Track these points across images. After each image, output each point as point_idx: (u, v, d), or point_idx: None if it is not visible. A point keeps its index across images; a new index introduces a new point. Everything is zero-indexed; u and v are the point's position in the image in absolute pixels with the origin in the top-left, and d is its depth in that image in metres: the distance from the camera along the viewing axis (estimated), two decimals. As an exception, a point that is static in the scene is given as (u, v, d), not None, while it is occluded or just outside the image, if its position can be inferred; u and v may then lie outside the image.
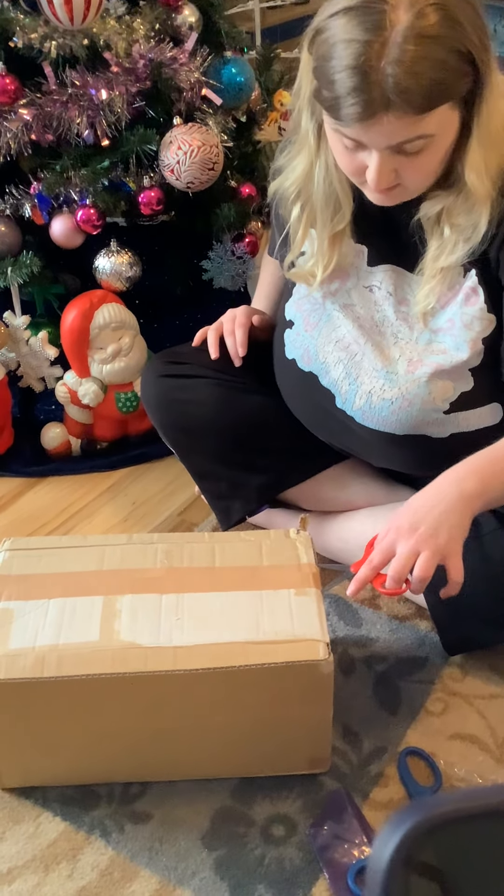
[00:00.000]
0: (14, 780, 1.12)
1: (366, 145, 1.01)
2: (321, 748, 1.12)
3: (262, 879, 1.03)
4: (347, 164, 1.06)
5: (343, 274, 1.22)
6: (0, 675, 1.00)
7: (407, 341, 1.19)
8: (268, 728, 1.09)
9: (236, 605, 1.08)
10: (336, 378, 1.24)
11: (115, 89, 1.54)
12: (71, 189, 1.57)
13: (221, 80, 1.68)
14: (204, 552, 1.16)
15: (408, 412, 1.19)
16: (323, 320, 1.25)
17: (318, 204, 1.16)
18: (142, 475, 1.72)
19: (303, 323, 1.27)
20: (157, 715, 1.06)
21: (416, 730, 1.19)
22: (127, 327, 1.66)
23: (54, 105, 1.54)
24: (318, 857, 1.04)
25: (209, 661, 1.02)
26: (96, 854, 1.06)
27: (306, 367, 1.28)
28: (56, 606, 1.08)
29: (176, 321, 1.90)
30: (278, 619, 1.06)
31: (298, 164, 1.15)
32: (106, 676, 1.01)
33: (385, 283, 1.20)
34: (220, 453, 1.37)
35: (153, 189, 1.59)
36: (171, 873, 1.04)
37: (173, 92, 1.60)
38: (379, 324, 1.21)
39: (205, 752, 1.11)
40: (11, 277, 1.60)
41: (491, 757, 1.15)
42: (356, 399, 1.22)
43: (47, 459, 1.74)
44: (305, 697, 1.06)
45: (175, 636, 1.04)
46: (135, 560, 1.15)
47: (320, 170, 1.12)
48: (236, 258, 1.74)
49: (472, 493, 1.06)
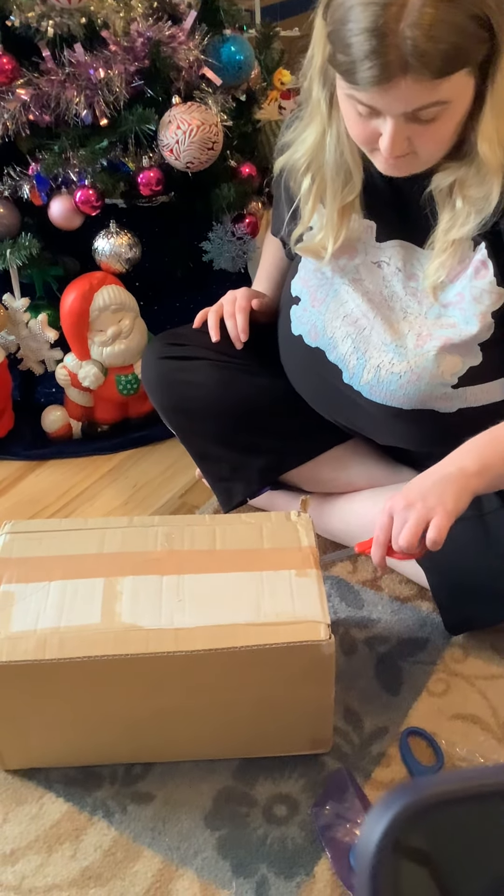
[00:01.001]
0: (17, 762, 1.13)
1: (380, 112, 0.99)
2: (323, 729, 1.12)
3: (264, 859, 1.04)
4: (360, 131, 1.04)
5: (351, 249, 1.22)
6: (2, 658, 1.01)
7: (416, 316, 1.18)
8: (269, 709, 1.09)
9: (237, 586, 1.08)
10: (344, 353, 1.23)
11: (113, 68, 1.52)
12: (69, 170, 1.56)
13: (220, 59, 1.66)
14: (205, 534, 1.16)
15: (416, 386, 1.18)
16: (330, 296, 1.24)
17: (329, 174, 1.14)
18: (143, 458, 1.72)
19: (309, 298, 1.27)
20: (158, 696, 1.06)
21: (418, 710, 1.19)
22: (127, 309, 1.66)
23: (52, 85, 1.52)
24: (319, 836, 1.05)
25: (210, 642, 1.02)
26: (99, 835, 1.06)
27: (313, 342, 1.27)
28: (57, 589, 1.08)
29: (176, 303, 1.89)
30: (279, 601, 1.06)
31: (309, 134, 1.14)
32: (108, 658, 1.01)
33: (394, 259, 1.19)
34: (221, 435, 1.37)
35: (152, 169, 1.58)
36: (174, 853, 1.04)
37: (172, 71, 1.58)
38: (388, 299, 1.20)
39: (206, 733, 1.12)
40: (10, 259, 1.60)
41: (492, 737, 1.16)
42: (364, 373, 1.22)
43: (48, 442, 1.74)
44: (307, 678, 1.06)
45: (176, 618, 1.04)
46: (135, 542, 1.15)
47: (331, 139, 1.11)
48: (236, 239, 1.73)
49: (470, 470, 1.06)
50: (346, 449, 1.44)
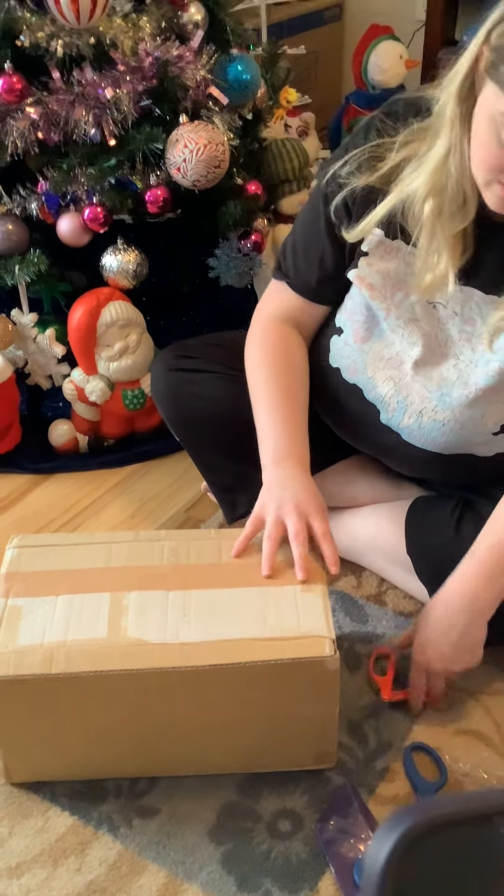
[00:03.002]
0: (23, 776, 1.13)
1: None
2: (327, 744, 1.13)
3: (268, 873, 1.04)
4: (492, 157, 0.97)
5: (407, 285, 1.16)
6: (9, 672, 1.01)
7: (467, 363, 1.16)
8: (274, 724, 1.09)
9: (243, 601, 1.09)
10: (384, 394, 1.22)
11: (121, 88, 1.54)
12: (78, 188, 1.57)
13: (227, 78, 1.68)
14: (210, 549, 1.17)
15: (458, 434, 1.18)
16: (375, 335, 1.21)
17: (447, 198, 1.06)
18: (149, 472, 1.73)
19: (352, 334, 1.23)
20: (163, 711, 1.07)
21: (422, 725, 1.20)
22: (134, 325, 1.67)
23: (61, 104, 1.54)
24: (324, 851, 1.05)
25: (216, 657, 1.02)
26: (104, 848, 1.07)
27: (351, 378, 1.25)
28: (64, 603, 1.09)
29: (183, 318, 1.90)
30: (284, 616, 1.07)
31: (433, 156, 1.05)
32: (113, 673, 1.02)
33: (452, 302, 1.14)
34: (227, 447, 1.37)
35: (159, 187, 1.59)
36: (179, 867, 1.05)
37: (179, 90, 1.60)
38: (442, 344, 1.17)
39: (211, 747, 1.12)
40: (19, 275, 1.61)
41: (496, 752, 1.16)
42: (404, 417, 1.21)
43: (55, 456, 1.75)
44: (312, 693, 1.06)
45: (182, 632, 1.05)
46: (142, 557, 1.16)
47: (454, 160, 1.03)
48: (242, 255, 1.74)
49: (484, 606, 1.14)
50: (352, 464, 1.44)
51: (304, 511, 1.14)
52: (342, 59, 3.00)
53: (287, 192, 1.90)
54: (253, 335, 1.31)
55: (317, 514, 1.14)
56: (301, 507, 1.14)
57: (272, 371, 1.27)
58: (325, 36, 2.90)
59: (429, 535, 1.29)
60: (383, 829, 0.48)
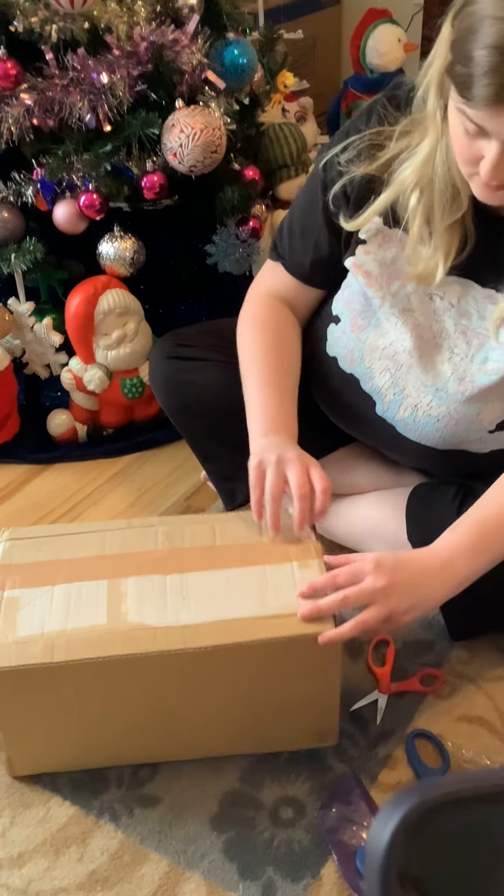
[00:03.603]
0: (26, 768, 1.13)
1: (488, 133, 0.94)
2: (330, 720, 1.13)
3: (270, 861, 1.04)
4: (464, 150, 0.98)
5: (404, 274, 1.15)
6: (11, 663, 1.01)
7: (462, 357, 1.15)
8: (277, 703, 1.09)
9: (241, 581, 1.09)
10: (380, 386, 1.21)
11: (116, 73, 1.53)
12: (73, 174, 1.56)
13: (224, 63, 1.66)
14: (204, 532, 1.17)
15: (453, 431, 1.17)
16: (372, 324, 1.20)
17: (437, 189, 1.06)
18: (148, 461, 1.72)
19: (350, 322, 1.23)
20: (167, 695, 1.06)
21: (424, 712, 1.19)
22: (131, 313, 1.66)
23: (56, 89, 1.53)
24: (326, 839, 1.05)
25: (218, 637, 1.02)
26: (106, 838, 1.07)
27: (348, 368, 1.25)
28: (61, 592, 1.08)
29: (181, 306, 1.89)
30: (283, 594, 1.07)
31: (422, 148, 1.06)
32: (116, 658, 1.01)
33: (449, 294, 1.14)
34: (225, 435, 1.37)
35: (156, 173, 1.58)
36: (181, 856, 1.04)
37: (175, 75, 1.59)
38: (436, 335, 1.16)
39: (215, 730, 1.12)
40: (15, 264, 1.60)
41: (499, 738, 1.15)
42: (400, 410, 1.20)
43: (54, 446, 1.74)
44: (314, 670, 1.06)
45: (182, 615, 1.05)
46: (136, 543, 1.15)
47: (441, 153, 1.04)
48: (240, 242, 1.73)
49: (460, 574, 1.08)
50: (351, 451, 1.44)
51: (305, 461, 1.12)
52: (340, 44, 2.98)
53: (285, 177, 1.88)
54: (245, 312, 1.31)
55: (317, 466, 1.12)
56: (303, 457, 1.13)
57: (263, 347, 1.26)
58: (323, 20, 2.88)
59: (430, 521, 1.28)
60: (386, 810, 0.47)
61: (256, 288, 1.33)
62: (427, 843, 0.49)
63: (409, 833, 0.47)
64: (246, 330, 1.29)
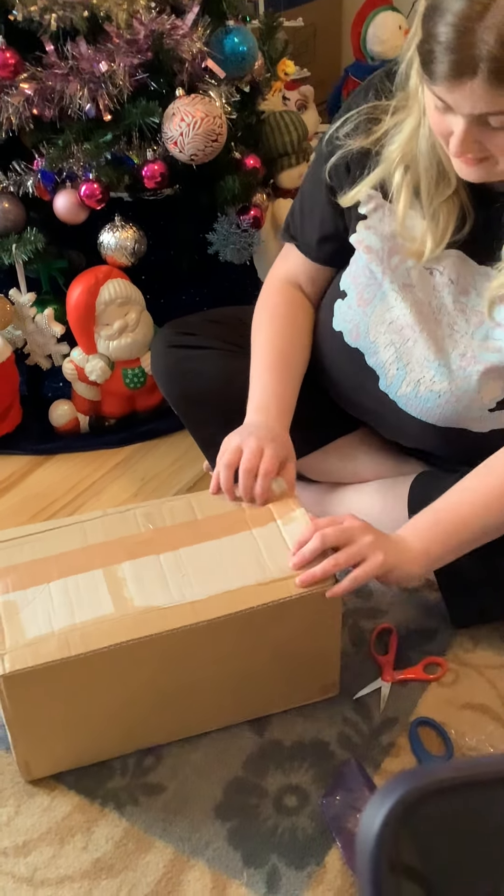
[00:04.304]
0: (43, 770, 1.12)
1: (453, 109, 0.95)
2: (331, 673, 1.16)
3: (274, 849, 1.04)
4: (437, 126, 1.00)
5: (404, 249, 1.16)
6: (29, 664, 1.00)
7: (462, 334, 1.15)
8: (284, 663, 1.12)
9: (233, 549, 1.10)
10: (385, 360, 1.21)
11: (116, 61, 1.52)
12: (74, 164, 1.56)
13: (224, 51, 1.65)
14: (182, 508, 1.17)
15: (454, 407, 1.17)
16: (378, 298, 1.20)
17: (422, 166, 1.08)
18: (150, 451, 1.72)
19: (356, 297, 1.23)
20: (182, 672, 1.08)
21: (427, 700, 1.19)
22: (133, 303, 1.66)
23: (55, 79, 1.52)
24: (330, 826, 1.05)
25: (227, 608, 1.04)
26: (111, 826, 1.07)
27: (353, 342, 1.25)
28: (58, 588, 1.08)
29: (182, 296, 1.89)
30: (278, 555, 1.09)
31: (407, 124, 1.08)
32: (133, 642, 1.02)
33: (448, 270, 1.15)
34: (227, 424, 1.37)
35: (156, 162, 1.57)
36: (185, 844, 1.05)
37: (175, 63, 1.58)
38: (435, 311, 1.17)
39: (226, 699, 1.14)
40: (16, 254, 1.60)
41: (502, 726, 1.16)
42: (403, 385, 1.20)
43: (56, 437, 1.74)
44: (317, 625, 1.09)
45: (187, 592, 1.06)
46: (118, 529, 1.15)
47: (424, 128, 1.06)
48: (241, 231, 1.72)
49: (433, 558, 1.12)
50: (354, 439, 1.44)
51: (264, 444, 1.16)
52: (341, 31, 2.96)
53: (286, 165, 1.87)
54: (261, 299, 1.34)
55: (272, 448, 1.16)
56: (267, 439, 1.17)
57: (273, 333, 1.29)
58: (324, 7, 2.86)
59: None
60: (378, 797, 0.47)
61: (273, 273, 1.36)
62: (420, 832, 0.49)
63: (401, 821, 0.47)
64: (259, 315, 1.32)
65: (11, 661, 1.00)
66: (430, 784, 0.48)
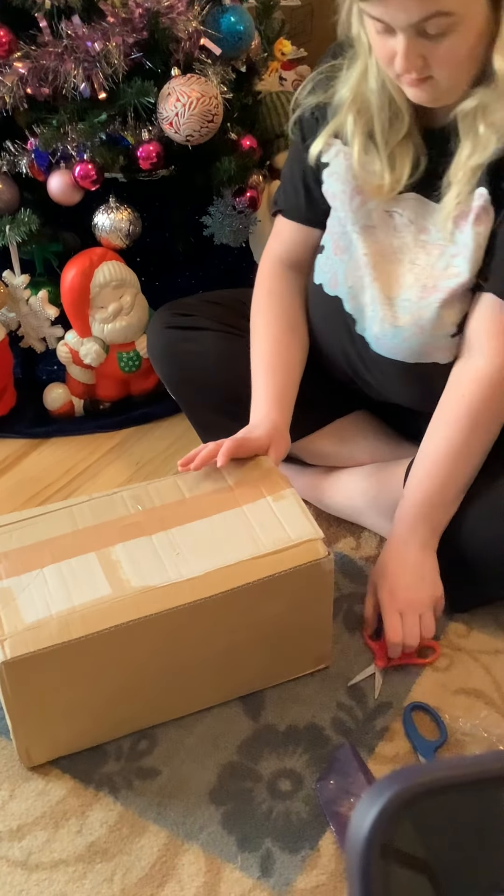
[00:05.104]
0: (43, 756, 1.12)
1: (391, 28, 1.00)
2: (324, 644, 1.18)
3: (269, 833, 1.04)
4: (381, 52, 1.04)
5: (364, 191, 1.20)
6: (30, 649, 1.00)
7: (423, 267, 1.18)
8: (279, 635, 1.13)
9: (225, 526, 1.11)
10: (363, 303, 1.24)
11: (111, 40, 1.50)
12: (68, 144, 1.54)
13: (220, 30, 1.63)
14: (169, 488, 1.18)
15: (419, 339, 1.19)
16: (353, 245, 1.24)
17: (375, 107, 1.13)
18: (145, 435, 1.71)
19: (332, 247, 1.27)
20: (180, 650, 1.08)
21: (422, 685, 1.20)
22: (128, 285, 1.64)
23: (50, 57, 1.50)
24: (324, 810, 1.05)
25: (224, 584, 1.05)
26: (105, 810, 1.07)
27: (332, 291, 1.27)
28: (53, 573, 1.08)
29: (177, 278, 1.87)
30: (270, 529, 1.10)
31: (354, 71, 1.13)
32: (133, 622, 1.02)
33: (407, 212, 1.19)
34: (222, 405, 1.37)
35: (152, 143, 1.56)
36: (180, 828, 1.05)
37: (171, 42, 1.55)
38: (397, 250, 1.20)
39: (223, 675, 1.14)
40: (10, 236, 1.58)
41: (496, 711, 1.16)
42: (374, 325, 1.22)
43: (50, 420, 1.73)
44: (311, 597, 1.11)
45: (183, 570, 1.06)
46: (106, 512, 1.15)
47: (372, 69, 1.11)
48: (237, 213, 1.71)
49: (425, 539, 1.20)
50: (349, 422, 1.43)
51: (282, 454, 1.23)
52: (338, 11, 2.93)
53: (282, 146, 1.85)
54: (258, 282, 1.37)
55: (235, 439, 1.20)
56: (284, 448, 1.23)
57: (271, 320, 1.33)
58: (321, -13, 2.84)
59: None
60: (368, 796, 0.47)
61: (267, 254, 1.38)
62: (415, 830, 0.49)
63: (393, 820, 0.47)
64: (257, 302, 1.35)
65: (12, 646, 1.00)
66: (422, 783, 0.47)
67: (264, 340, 1.31)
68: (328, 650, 1.20)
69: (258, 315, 1.34)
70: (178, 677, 1.12)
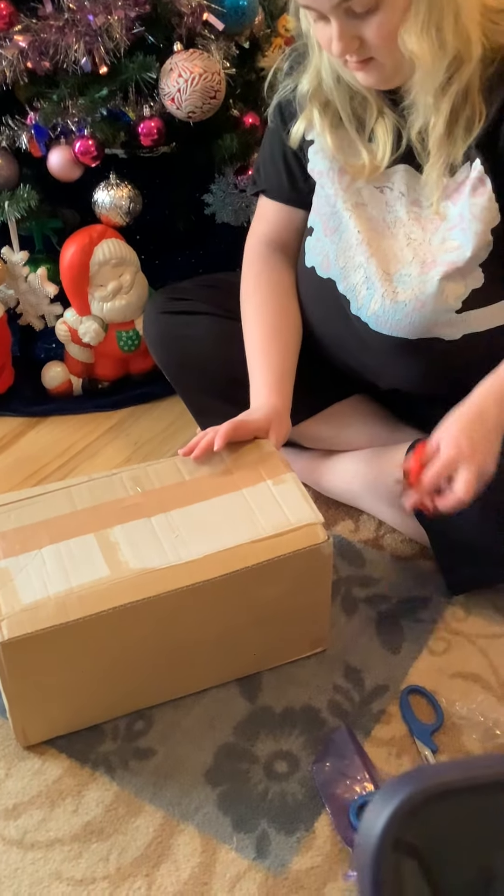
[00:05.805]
0: (39, 736, 1.12)
1: (322, 14, 1.01)
2: (321, 627, 1.18)
3: (264, 814, 1.04)
4: (321, 38, 1.06)
5: (351, 168, 1.20)
6: (27, 630, 0.99)
7: (420, 242, 1.17)
8: (277, 619, 1.13)
9: (224, 509, 1.11)
10: (355, 283, 1.22)
11: (113, 14, 1.48)
12: (68, 119, 1.52)
13: (223, 4, 1.61)
14: (169, 470, 1.17)
15: (421, 314, 1.18)
16: (343, 224, 1.23)
17: (337, 101, 1.14)
18: (144, 415, 1.71)
19: (322, 228, 1.25)
20: (178, 633, 1.08)
21: (419, 668, 1.20)
22: (127, 264, 1.63)
23: (50, 31, 1.48)
24: (320, 792, 1.05)
25: (223, 567, 1.05)
26: (101, 790, 1.07)
27: (325, 273, 1.26)
28: (51, 553, 1.07)
29: (178, 257, 1.86)
30: (270, 513, 1.10)
31: (310, 63, 1.14)
32: (131, 605, 1.02)
33: (398, 184, 1.18)
34: (219, 390, 1.36)
35: (153, 119, 1.54)
36: (175, 808, 1.05)
37: (173, 17, 1.54)
38: (391, 225, 1.19)
39: (220, 656, 1.14)
40: (9, 212, 1.57)
41: (493, 695, 1.16)
42: (371, 304, 1.21)
43: (48, 399, 1.72)
44: (310, 581, 1.11)
45: (182, 552, 1.06)
46: (105, 493, 1.15)
47: (325, 63, 1.12)
48: (239, 191, 1.69)
49: (493, 420, 1.08)
50: (347, 406, 1.43)
51: (282, 438, 1.21)
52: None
53: (285, 125, 1.84)
54: (244, 269, 1.35)
55: (230, 424, 1.18)
56: (285, 432, 1.22)
57: (260, 303, 1.31)
58: (325, -38, 2.80)
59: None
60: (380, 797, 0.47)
61: (251, 237, 1.36)
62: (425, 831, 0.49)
63: (405, 822, 0.47)
64: (245, 286, 1.34)
65: (9, 627, 0.99)
66: (434, 786, 0.47)
67: (257, 325, 1.29)
68: (326, 633, 1.20)
69: (248, 300, 1.32)
70: (175, 659, 1.11)
